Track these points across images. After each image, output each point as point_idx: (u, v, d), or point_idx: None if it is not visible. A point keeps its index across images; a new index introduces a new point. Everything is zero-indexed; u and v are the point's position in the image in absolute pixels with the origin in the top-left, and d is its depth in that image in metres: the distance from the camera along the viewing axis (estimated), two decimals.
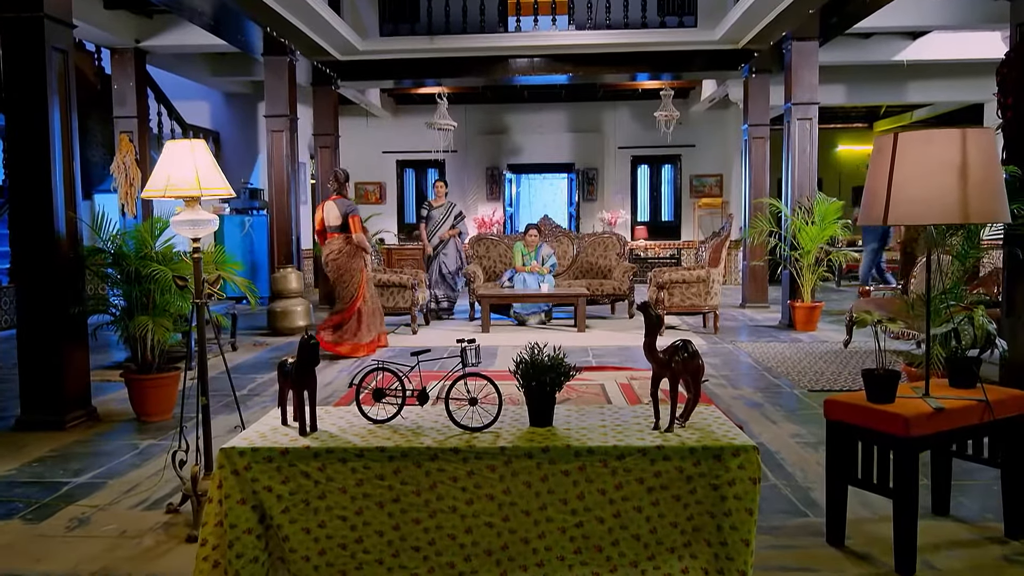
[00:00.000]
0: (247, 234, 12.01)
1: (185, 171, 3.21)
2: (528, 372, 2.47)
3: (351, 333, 7.38)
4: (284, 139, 9.35)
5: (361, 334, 7.39)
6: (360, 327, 7.38)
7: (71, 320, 5.03)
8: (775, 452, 4.26)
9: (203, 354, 3.37)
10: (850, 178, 16.76)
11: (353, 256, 7.31)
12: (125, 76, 9.38)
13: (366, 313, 7.41)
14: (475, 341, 2.54)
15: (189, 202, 3.31)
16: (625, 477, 2.34)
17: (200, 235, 3.39)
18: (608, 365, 6.75)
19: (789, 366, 6.64)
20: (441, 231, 9.88)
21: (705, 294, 8.42)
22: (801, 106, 8.85)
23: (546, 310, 9.40)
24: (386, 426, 2.59)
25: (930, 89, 12.26)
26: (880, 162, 2.89)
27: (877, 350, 3.04)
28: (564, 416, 2.68)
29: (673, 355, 2.46)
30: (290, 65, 9.30)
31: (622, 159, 15.10)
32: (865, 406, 2.90)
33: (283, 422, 2.62)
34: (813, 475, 3.90)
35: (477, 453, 2.34)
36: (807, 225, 8.59)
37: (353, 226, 7.29)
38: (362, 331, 7.40)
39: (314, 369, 2.53)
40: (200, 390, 3.35)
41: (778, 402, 5.47)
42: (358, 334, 7.38)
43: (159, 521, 3.42)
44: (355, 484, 2.36)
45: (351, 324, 7.37)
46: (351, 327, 7.37)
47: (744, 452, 2.32)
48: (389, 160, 15.33)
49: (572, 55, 10.50)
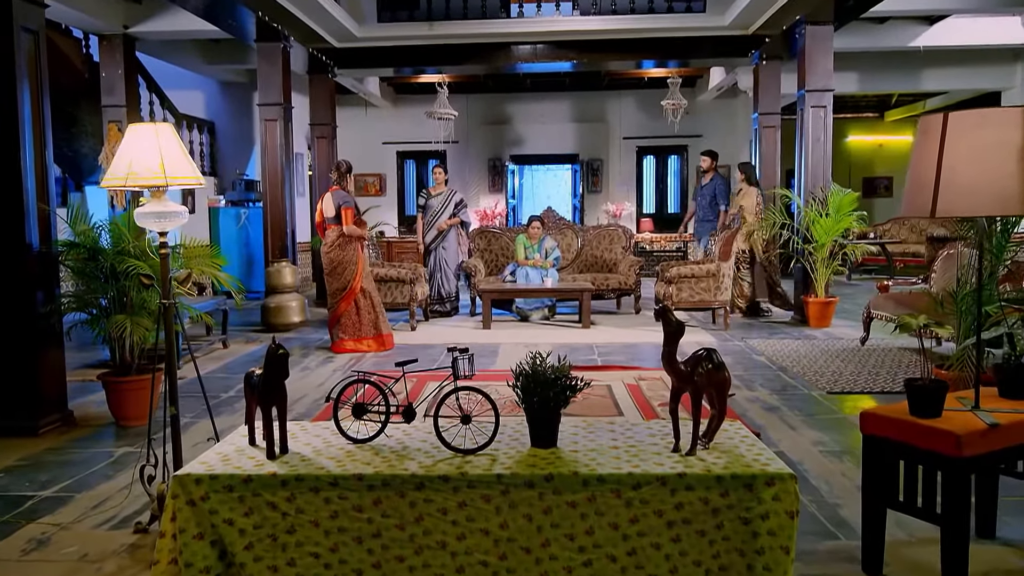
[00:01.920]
0: (243, 227, 11.69)
1: (149, 158, 2.89)
2: (529, 386, 2.15)
3: (351, 329, 7.10)
4: (278, 128, 9.03)
5: (363, 328, 7.11)
6: (361, 322, 7.10)
7: (44, 319, 4.73)
8: (797, 462, 3.94)
9: (171, 359, 3.06)
10: (860, 169, 16.40)
11: (345, 248, 7.02)
12: (113, 63, 9.03)
13: (364, 307, 7.12)
14: (468, 350, 2.23)
15: (155, 192, 2.99)
16: (641, 509, 2.02)
17: (168, 228, 3.07)
18: (615, 364, 6.44)
19: (805, 365, 6.32)
20: (439, 221, 9.26)
21: (715, 289, 8.09)
22: (815, 93, 8.49)
23: (549, 305, 9.08)
24: (367, 447, 2.27)
25: (946, 76, 11.88)
26: (926, 147, 2.56)
27: (923, 358, 2.70)
28: (570, 434, 2.36)
29: (696, 366, 2.14)
30: (284, 51, 8.96)
31: (627, 150, 14.75)
32: (909, 420, 2.58)
33: (251, 441, 2.31)
34: (840, 489, 3.58)
35: (470, 481, 2.02)
36: (821, 217, 8.25)
37: (344, 218, 7.02)
38: (363, 326, 7.12)
39: (283, 383, 2.21)
40: (168, 398, 3.04)
41: (796, 405, 5.15)
42: (360, 329, 7.11)
43: (124, 543, 3.11)
44: (329, 516, 2.05)
45: (350, 319, 7.09)
46: (351, 323, 7.10)
47: (780, 481, 2.00)
48: (389, 151, 15.00)
49: (576, 41, 10.14)
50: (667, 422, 2.33)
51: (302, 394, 5.60)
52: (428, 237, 9.29)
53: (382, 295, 8.41)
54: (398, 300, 8.42)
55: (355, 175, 14.77)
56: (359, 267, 7.09)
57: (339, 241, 7.05)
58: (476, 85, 14.13)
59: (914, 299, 6.55)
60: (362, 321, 7.14)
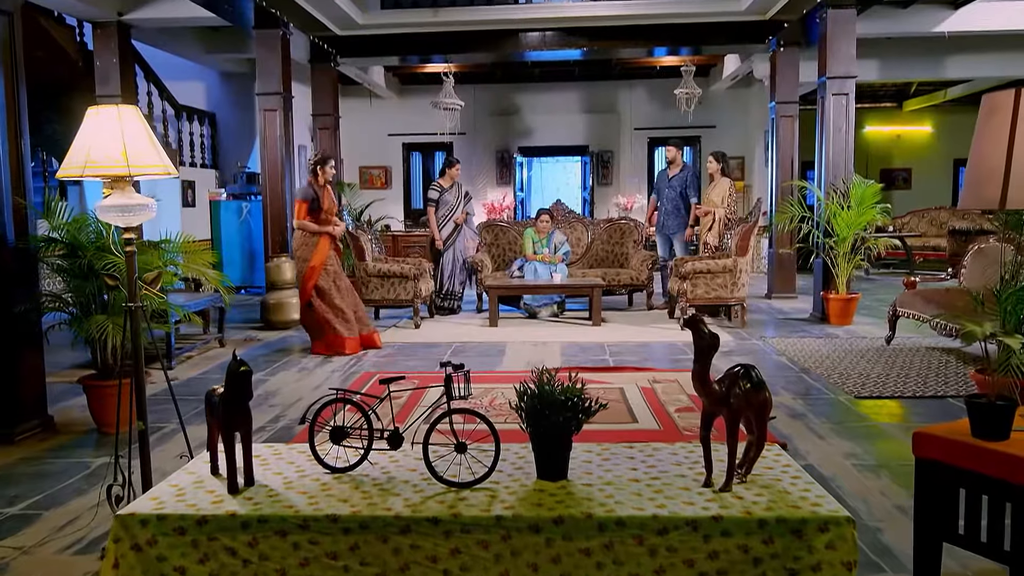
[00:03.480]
0: (244, 221, 11.41)
1: (109, 145, 2.57)
2: (535, 409, 1.83)
3: (319, 331, 6.74)
4: (278, 119, 8.71)
5: (335, 329, 6.67)
6: (328, 323, 6.67)
7: (22, 319, 4.44)
8: (830, 478, 3.61)
9: (139, 368, 2.76)
10: (878, 160, 15.98)
11: (303, 245, 6.69)
12: (108, 52, 8.72)
13: (327, 307, 6.67)
14: (464, 366, 1.90)
15: (116, 183, 2.68)
16: (669, 559, 1.70)
17: (134, 223, 2.76)
18: (627, 366, 6.11)
19: (828, 366, 5.97)
20: (456, 214, 9.01)
21: (732, 285, 7.74)
22: (837, 80, 8.11)
23: (558, 302, 8.75)
24: (347, 478, 1.96)
25: (971, 64, 11.45)
26: (994, 128, 2.22)
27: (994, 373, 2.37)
28: (583, 461, 2.04)
29: (732, 386, 1.81)
30: (283, 39, 8.64)
31: (639, 141, 14.38)
32: (971, 443, 2.24)
33: (212, 470, 2.00)
34: (880, 510, 3.25)
35: (464, 524, 1.71)
36: (843, 210, 7.88)
37: (296, 211, 6.74)
38: (334, 326, 6.68)
39: (247, 404, 1.90)
40: (132, 411, 2.74)
41: (822, 411, 4.81)
42: (329, 329, 6.68)
43: (88, 571, 2.81)
44: (298, 564, 1.74)
45: (317, 322, 6.72)
46: (318, 325, 6.73)
47: (835, 526, 1.68)
48: (395, 143, 14.67)
49: (586, 28, 9.79)
50: (694, 444, 2.01)
51: (297, 397, 5.30)
52: (446, 231, 8.98)
53: (384, 291, 8.10)
54: (401, 297, 8.11)
55: (360, 167, 14.49)
56: (315, 264, 6.64)
57: (301, 237, 6.74)
58: (484, 75, 13.78)
59: (946, 297, 6.19)
60: (330, 323, 6.68)
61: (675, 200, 8.93)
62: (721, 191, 8.51)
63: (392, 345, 7.19)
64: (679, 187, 8.90)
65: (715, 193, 8.55)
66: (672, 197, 8.93)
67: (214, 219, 11.39)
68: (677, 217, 8.91)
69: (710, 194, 8.66)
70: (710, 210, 8.54)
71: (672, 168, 9.07)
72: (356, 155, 14.33)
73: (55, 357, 5.94)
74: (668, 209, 8.97)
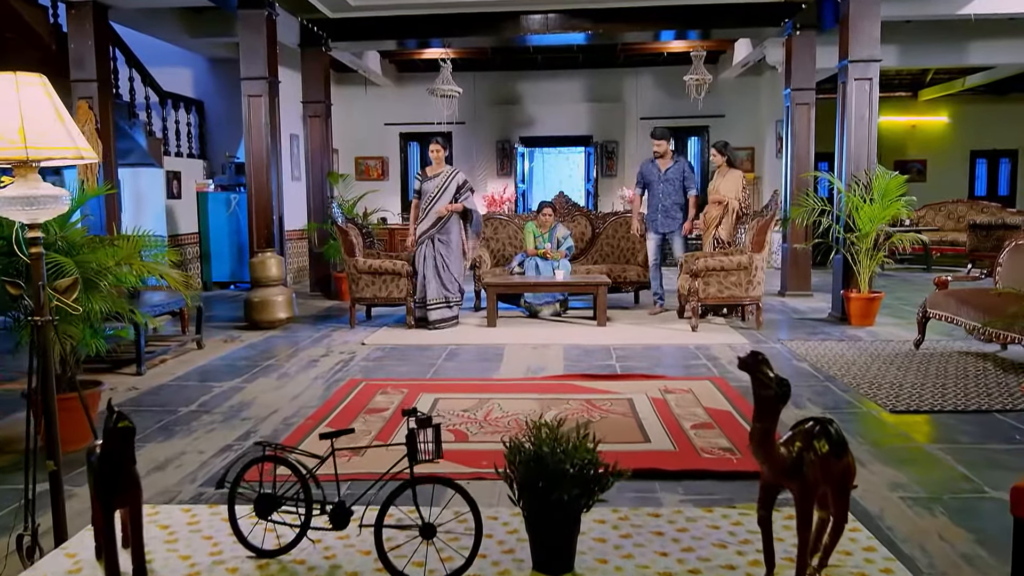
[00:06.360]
0: (233, 213, 10.91)
1: (3, 122, 2.06)
2: (531, 478, 1.31)
3: None
4: (263, 105, 8.19)
5: None
6: None
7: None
8: (877, 516, 3.10)
9: (49, 396, 2.26)
10: (892, 151, 15.41)
11: None
12: (83, 34, 8.19)
13: None
14: (431, 419, 1.39)
15: (18, 169, 2.17)
16: None
17: (42, 218, 2.26)
18: (636, 373, 5.60)
19: (856, 374, 5.46)
20: (437, 206, 7.50)
21: (747, 283, 7.23)
22: (860, 64, 7.57)
23: (561, 300, 8.24)
24: (276, 565, 1.45)
25: (995, 49, 10.89)
26: None
27: None
28: (594, 540, 1.53)
29: (803, 450, 1.30)
30: (269, 20, 8.11)
31: (644, 131, 13.79)
32: None
33: (97, 556, 1.49)
34: (942, 559, 2.73)
35: None
36: (865, 203, 7.36)
37: None
38: None
39: (132, 469, 1.40)
40: (34, 448, 2.24)
41: (856, 429, 4.30)
42: None
43: None
44: None
45: None
46: None
47: None
48: (392, 132, 14.16)
49: (590, 10, 9.27)
50: (738, 511, 1.50)
51: (272, 410, 4.79)
52: (421, 227, 7.55)
53: (376, 289, 7.59)
54: (393, 295, 7.60)
55: (355, 157, 13.98)
56: None
57: None
58: (483, 62, 13.26)
59: (986, 298, 5.67)
60: None
61: (675, 195, 8.05)
62: (735, 183, 7.93)
63: (382, 347, 6.69)
64: (677, 180, 8.04)
65: (726, 185, 7.95)
66: (671, 192, 8.04)
67: (201, 211, 10.90)
68: (678, 214, 8.09)
69: (720, 186, 8.02)
70: (722, 199, 7.94)
71: (664, 160, 8.12)
72: (351, 145, 13.82)
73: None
74: (667, 206, 8.06)
